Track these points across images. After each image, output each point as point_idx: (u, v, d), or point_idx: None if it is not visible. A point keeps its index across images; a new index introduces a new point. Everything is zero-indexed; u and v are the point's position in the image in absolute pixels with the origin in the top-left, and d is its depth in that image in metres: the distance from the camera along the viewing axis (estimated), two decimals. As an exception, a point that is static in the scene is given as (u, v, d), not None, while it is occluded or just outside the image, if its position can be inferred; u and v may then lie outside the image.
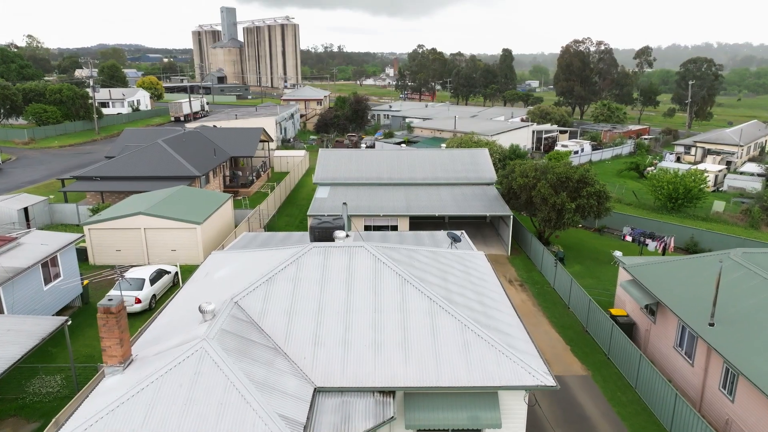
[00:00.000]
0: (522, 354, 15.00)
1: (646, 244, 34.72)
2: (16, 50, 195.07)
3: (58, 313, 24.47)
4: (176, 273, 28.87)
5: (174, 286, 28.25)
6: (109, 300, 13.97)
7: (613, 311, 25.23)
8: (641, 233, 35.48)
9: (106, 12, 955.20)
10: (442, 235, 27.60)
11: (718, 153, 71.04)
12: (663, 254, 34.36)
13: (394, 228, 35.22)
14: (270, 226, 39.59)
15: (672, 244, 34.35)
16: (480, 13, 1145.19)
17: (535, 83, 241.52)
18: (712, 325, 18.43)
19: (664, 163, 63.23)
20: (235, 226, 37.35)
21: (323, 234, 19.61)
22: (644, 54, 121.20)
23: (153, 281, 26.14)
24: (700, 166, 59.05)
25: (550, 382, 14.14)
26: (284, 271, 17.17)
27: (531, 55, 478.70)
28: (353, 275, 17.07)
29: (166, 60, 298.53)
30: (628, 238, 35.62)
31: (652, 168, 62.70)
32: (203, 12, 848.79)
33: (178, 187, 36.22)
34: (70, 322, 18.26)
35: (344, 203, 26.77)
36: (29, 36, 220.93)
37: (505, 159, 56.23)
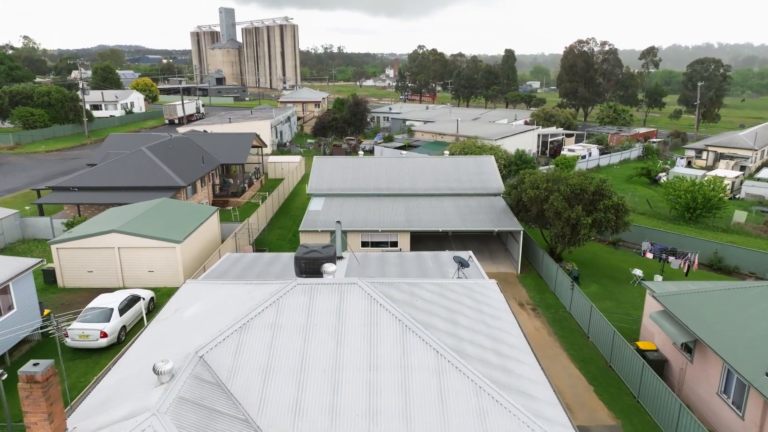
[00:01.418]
0: (551, 425, 12.16)
1: (669, 262, 31.87)
2: (12, 51, 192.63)
3: (13, 350, 21.65)
4: (151, 299, 26.01)
5: (149, 314, 25.38)
6: (35, 364, 11.13)
7: (641, 345, 22.38)
8: (662, 249, 32.62)
9: (107, 12, 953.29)
10: (447, 256, 24.79)
11: (731, 157, 68.15)
12: (687, 274, 31.54)
13: (394, 244, 32.41)
14: (260, 241, 36.77)
15: (696, 262, 31.50)
16: (479, 13, 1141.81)
17: (536, 84, 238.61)
18: (769, 375, 15.59)
19: (676, 168, 60.32)
20: (222, 242, 34.53)
21: (310, 266, 16.78)
22: (650, 54, 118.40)
23: (123, 311, 23.28)
24: (716, 172, 56.21)
25: (588, 466, 11.30)
26: (261, 316, 14.33)
27: (531, 56, 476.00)
28: (344, 321, 14.23)
29: (165, 61, 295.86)
30: (649, 255, 32.75)
31: (664, 174, 59.88)
32: (203, 13, 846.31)
33: (159, 199, 33.39)
34: (5, 376, 15.40)
35: (338, 222, 24.01)
36: (25, 37, 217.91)
37: (511, 165, 53.51)
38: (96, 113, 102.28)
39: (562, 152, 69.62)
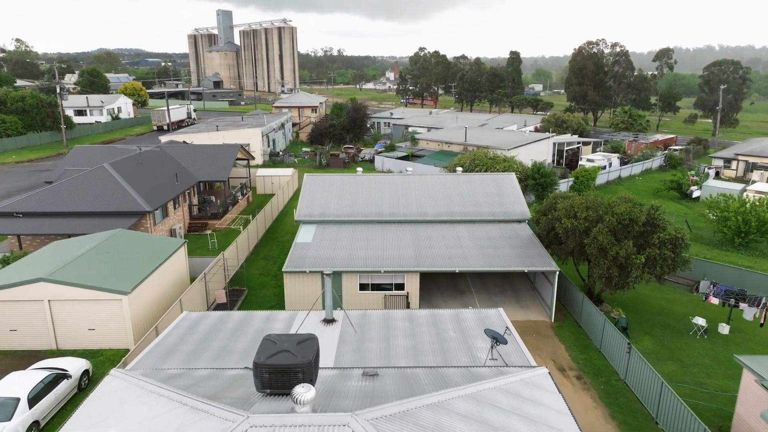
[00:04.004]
0: None
1: (739, 308, 25.85)
2: (3, 54, 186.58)
3: None
4: (85, 372, 19.99)
5: (79, 393, 19.39)
6: None
7: (742, 449, 16.39)
8: (728, 291, 26.64)
9: (108, 15, 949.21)
10: (472, 317, 18.88)
11: (766, 168, 62.26)
12: (762, 324, 25.56)
13: (400, 287, 26.39)
14: (238, 278, 30.75)
15: (773, 308, 25.50)
16: (478, 15, 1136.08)
17: (538, 87, 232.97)
18: None
19: (711, 182, 54.30)
20: (192, 281, 28.54)
21: (277, 380, 10.80)
22: (664, 56, 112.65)
23: (37, 398, 17.24)
24: (757, 186, 50.23)
25: None
26: (183, 498, 8.36)
27: (531, 58, 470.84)
28: None
29: (163, 64, 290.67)
30: (713, 300, 26.72)
31: (696, 188, 53.91)
32: (201, 15, 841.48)
33: (113, 231, 27.41)
34: None
35: (327, 274, 18.06)
36: (18, 40, 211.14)
37: (528, 179, 47.58)
38: (80, 119, 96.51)
39: (580, 163, 63.73)
